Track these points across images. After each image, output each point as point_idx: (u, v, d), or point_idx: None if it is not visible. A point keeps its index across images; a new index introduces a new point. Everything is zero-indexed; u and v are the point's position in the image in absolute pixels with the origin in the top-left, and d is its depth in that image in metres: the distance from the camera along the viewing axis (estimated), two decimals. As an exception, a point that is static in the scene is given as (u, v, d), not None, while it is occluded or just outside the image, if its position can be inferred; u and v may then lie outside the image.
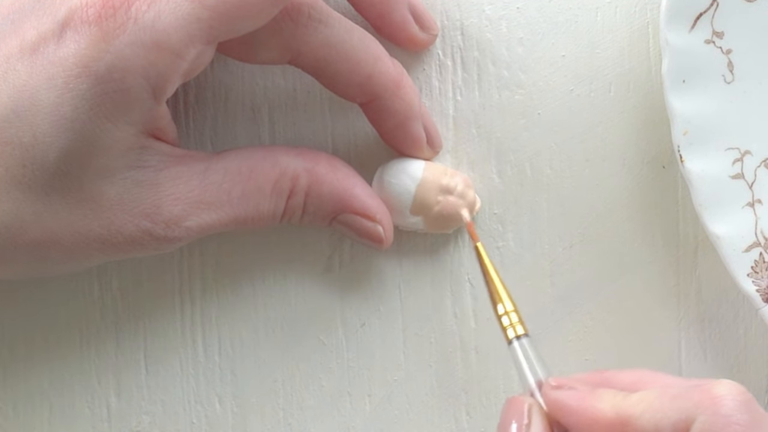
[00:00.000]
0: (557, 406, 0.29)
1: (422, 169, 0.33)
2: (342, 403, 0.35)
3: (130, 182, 0.29)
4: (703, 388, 0.26)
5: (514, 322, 0.31)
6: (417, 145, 0.33)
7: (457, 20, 0.34)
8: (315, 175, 0.31)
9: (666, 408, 0.27)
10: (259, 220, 0.31)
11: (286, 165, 0.31)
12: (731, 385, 0.26)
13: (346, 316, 0.35)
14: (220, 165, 0.30)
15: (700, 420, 0.26)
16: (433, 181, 0.33)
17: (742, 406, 0.26)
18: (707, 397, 0.26)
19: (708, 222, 0.33)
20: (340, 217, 0.32)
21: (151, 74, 0.27)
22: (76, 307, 0.34)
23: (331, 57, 0.30)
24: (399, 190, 0.33)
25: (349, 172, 0.32)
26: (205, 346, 0.35)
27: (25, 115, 0.27)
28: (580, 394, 0.28)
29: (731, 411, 0.26)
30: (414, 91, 0.32)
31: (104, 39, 0.26)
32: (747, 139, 0.33)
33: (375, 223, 0.32)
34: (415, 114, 0.32)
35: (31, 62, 0.27)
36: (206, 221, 0.30)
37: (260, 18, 0.28)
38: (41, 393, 0.34)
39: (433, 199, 0.33)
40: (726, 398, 0.26)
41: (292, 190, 0.31)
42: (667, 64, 0.32)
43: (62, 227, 0.28)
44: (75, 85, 0.27)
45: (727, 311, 0.35)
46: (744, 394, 0.26)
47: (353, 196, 0.32)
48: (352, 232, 0.33)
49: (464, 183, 0.33)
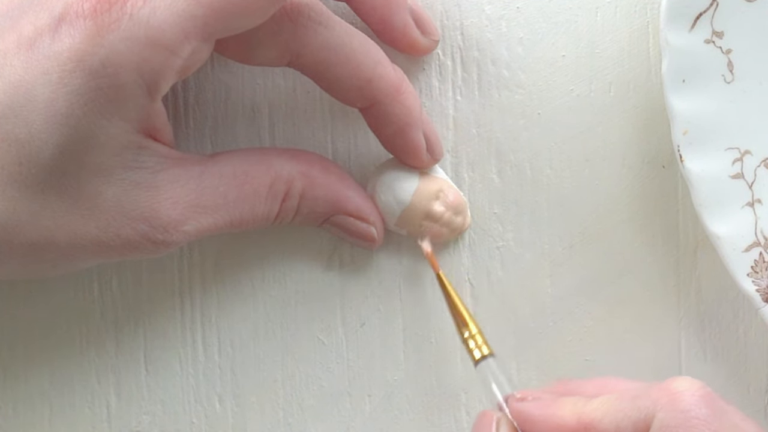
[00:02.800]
0: (522, 417, 0.29)
1: (412, 193, 0.33)
2: (342, 403, 0.35)
3: (127, 183, 0.28)
4: (662, 386, 0.27)
5: (479, 344, 0.32)
6: (417, 152, 0.33)
7: (457, 20, 0.34)
8: (309, 178, 0.32)
9: (626, 408, 0.27)
10: (254, 222, 0.31)
11: (280, 168, 0.31)
12: (690, 381, 0.27)
13: (346, 316, 0.35)
14: (216, 169, 0.30)
15: (659, 417, 0.26)
16: (420, 207, 0.33)
17: (701, 400, 0.26)
18: (665, 394, 0.26)
19: (708, 222, 0.33)
20: (334, 218, 0.33)
21: (145, 70, 0.27)
22: (76, 307, 0.34)
23: (331, 60, 0.30)
24: (385, 209, 0.33)
25: (342, 175, 0.33)
26: (205, 345, 0.35)
27: (20, 110, 0.27)
28: (543, 403, 0.29)
29: (690, 406, 0.26)
30: (415, 97, 0.32)
31: (99, 34, 0.26)
32: (747, 139, 0.33)
33: (368, 225, 0.33)
34: (416, 120, 0.32)
35: (27, 57, 0.27)
36: (203, 225, 0.30)
37: (257, 16, 0.28)
38: (41, 393, 0.34)
39: (416, 223, 0.33)
40: (684, 394, 0.26)
41: (286, 193, 0.31)
42: (667, 64, 0.32)
43: (59, 227, 0.28)
44: (69, 80, 0.26)
45: (727, 311, 0.35)
46: (702, 389, 0.26)
47: (347, 198, 0.32)
48: (344, 233, 0.33)
49: (454, 209, 0.33)
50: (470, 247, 0.35)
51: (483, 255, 0.35)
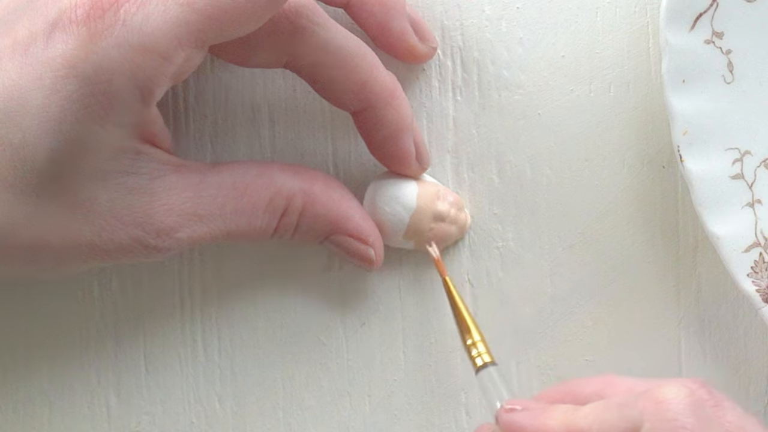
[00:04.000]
0: (511, 428, 0.29)
1: (416, 197, 0.33)
2: (342, 403, 0.35)
3: (123, 189, 0.28)
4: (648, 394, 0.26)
5: (481, 351, 0.31)
6: (406, 159, 0.33)
7: (457, 20, 0.34)
8: (310, 195, 0.31)
9: (614, 419, 0.26)
10: (250, 235, 0.31)
11: (281, 184, 0.31)
12: (677, 387, 0.26)
13: (346, 316, 0.35)
14: (215, 179, 0.30)
15: (646, 427, 0.26)
16: (427, 209, 0.33)
17: (687, 408, 0.26)
18: (652, 402, 0.26)
19: (708, 222, 0.33)
20: (333, 237, 0.32)
21: (138, 76, 0.27)
22: (76, 307, 0.34)
23: (327, 62, 0.30)
24: (392, 219, 0.33)
25: (344, 194, 0.32)
26: (205, 346, 0.35)
27: (14, 115, 0.27)
28: (533, 413, 0.29)
29: (676, 415, 0.25)
30: (407, 103, 0.32)
31: (92, 40, 0.26)
32: (747, 139, 0.33)
33: (367, 246, 0.32)
34: (407, 126, 0.32)
35: (22, 62, 0.27)
36: (197, 233, 0.30)
37: (250, 23, 0.28)
38: (41, 393, 0.34)
39: (426, 226, 0.33)
40: (671, 402, 0.26)
41: (285, 209, 0.31)
42: (667, 64, 0.32)
43: (53, 231, 0.28)
44: (62, 86, 0.26)
45: (727, 311, 0.35)
46: (690, 396, 0.26)
47: (348, 218, 0.32)
48: (343, 253, 0.33)
49: (456, 206, 0.34)
50: (470, 247, 0.35)
51: (483, 255, 0.35)
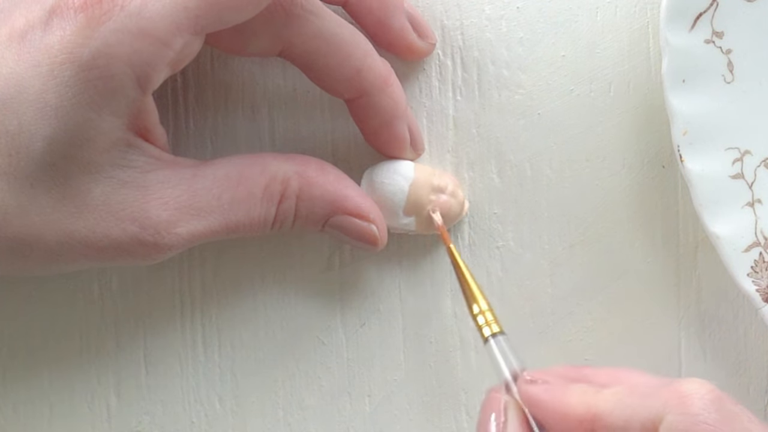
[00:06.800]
0: (531, 401, 0.29)
1: (413, 168, 0.33)
2: (342, 403, 0.35)
3: (115, 182, 0.28)
4: (672, 387, 0.26)
5: (489, 320, 0.31)
6: (401, 145, 0.33)
7: (457, 20, 0.34)
8: (305, 178, 0.31)
9: (636, 405, 0.27)
10: (251, 226, 0.31)
11: (276, 169, 0.31)
12: (700, 383, 0.26)
13: (346, 316, 0.35)
14: (208, 171, 0.30)
15: (668, 419, 0.26)
16: (425, 180, 0.33)
17: (710, 404, 0.26)
18: (675, 396, 0.26)
19: (708, 222, 0.33)
20: (333, 219, 0.32)
21: (136, 62, 0.27)
22: (76, 307, 0.34)
23: (322, 49, 0.30)
24: (392, 190, 0.33)
25: (339, 174, 0.32)
26: (205, 346, 0.35)
27: (11, 102, 0.27)
28: (553, 388, 0.29)
29: (699, 410, 0.26)
30: (401, 90, 0.32)
31: (89, 25, 0.26)
32: (747, 139, 0.33)
33: (369, 223, 0.32)
34: (402, 112, 0.32)
35: (19, 50, 0.27)
36: (196, 228, 0.29)
37: (248, 10, 0.28)
38: (41, 393, 0.34)
39: (425, 198, 0.33)
40: (694, 397, 0.26)
41: (283, 193, 0.31)
42: (667, 64, 0.32)
43: (46, 224, 0.28)
44: (59, 72, 0.26)
45: (727, 311, 0.35)
46: (712, 392, 0.26)
47: (345, 197, 0.32)
48: (345, 235, 0.32)
49: (453, 183, 0.34)
50: (470, 247, 0.35)
51: (483, 255, 0.35)
